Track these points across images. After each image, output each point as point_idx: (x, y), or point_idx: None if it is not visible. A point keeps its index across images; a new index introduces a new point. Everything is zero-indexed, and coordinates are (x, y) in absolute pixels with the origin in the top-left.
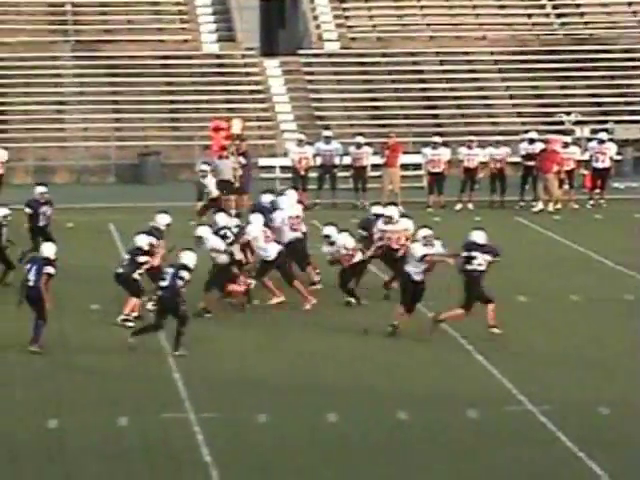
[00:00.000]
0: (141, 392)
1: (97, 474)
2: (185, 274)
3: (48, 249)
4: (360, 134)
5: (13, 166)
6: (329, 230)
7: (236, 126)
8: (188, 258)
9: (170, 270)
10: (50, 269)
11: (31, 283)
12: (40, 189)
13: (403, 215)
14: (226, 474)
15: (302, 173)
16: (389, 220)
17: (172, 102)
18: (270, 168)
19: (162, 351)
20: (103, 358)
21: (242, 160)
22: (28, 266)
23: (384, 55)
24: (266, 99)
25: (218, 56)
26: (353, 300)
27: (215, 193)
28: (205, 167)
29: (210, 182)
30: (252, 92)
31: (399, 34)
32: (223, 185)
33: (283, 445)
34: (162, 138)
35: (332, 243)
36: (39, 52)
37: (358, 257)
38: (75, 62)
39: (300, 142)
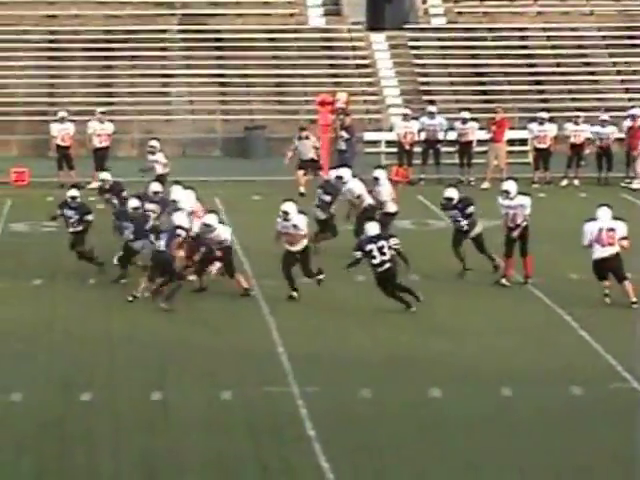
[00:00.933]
0: (245, 366)
1: (200, 447)
2: (395, 240)
3: (180, 218)
4: (466, 109)
5: (119, 139)
6: (288, 207)
7: (340, 100)
8: (373, 228)
9: (381, 243)
10: (181, 231)
11: (162, 248)
12: (154, 187)
13: (521, 193)
14: (329, 448)
15: (407, 147)
16: (506, 195)
17: (278, 76)
18: (375, 142)
19: (266, 325)
20: (208, 331)
21: (344, 134)
22: (160, 236)
23: (490, 30)
24: (372, 74)
25: (324, 30)
26: (295, 293)
27: (160, 171)
28: (154, 143)
29: (158, 159)
30: (358, 67)
31: (506, 9)
32: (305, 164)
33: (385, 420)
34: (268, 112)
35: (287, 220)
36: (146, 25)
37: (303, 244)
38: (181, 35)
39: (405, 116)
